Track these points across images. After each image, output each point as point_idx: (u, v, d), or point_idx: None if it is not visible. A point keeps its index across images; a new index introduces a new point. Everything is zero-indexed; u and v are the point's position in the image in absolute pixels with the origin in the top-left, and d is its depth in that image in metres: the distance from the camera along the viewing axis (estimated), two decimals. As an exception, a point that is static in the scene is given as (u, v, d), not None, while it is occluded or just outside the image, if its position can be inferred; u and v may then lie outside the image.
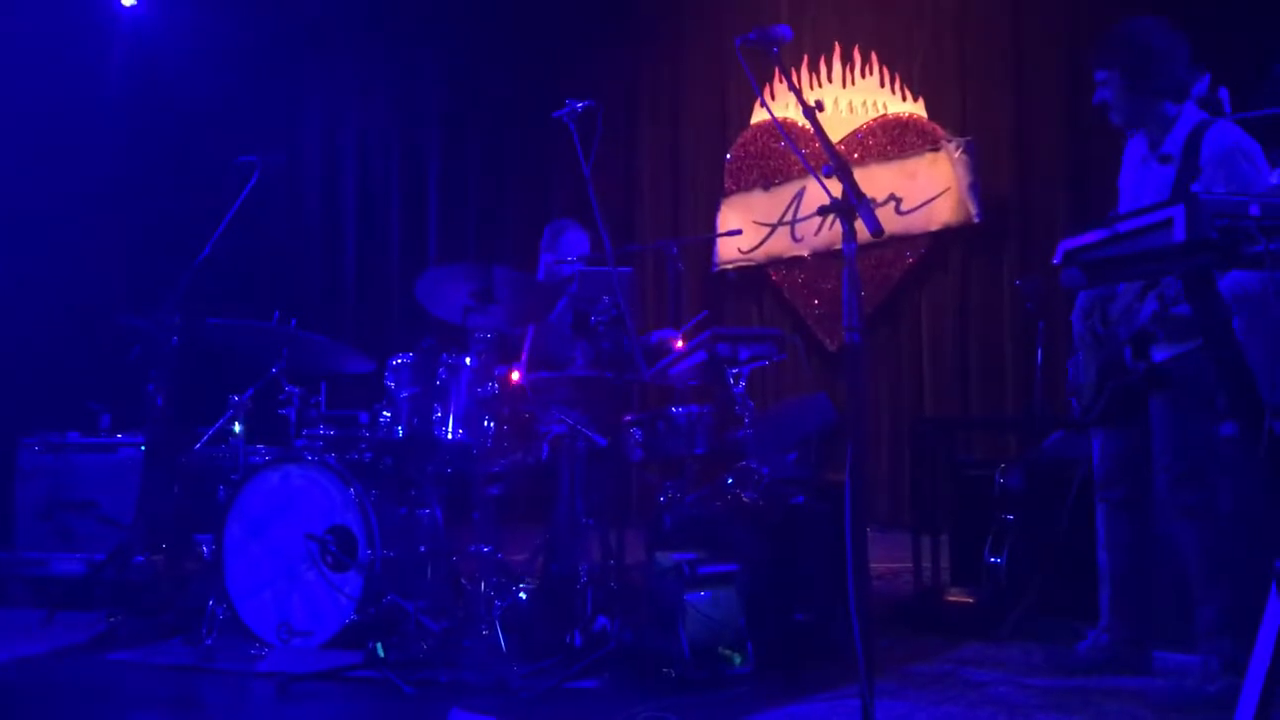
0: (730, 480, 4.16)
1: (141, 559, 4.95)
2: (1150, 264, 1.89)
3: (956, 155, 6.96)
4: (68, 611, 4.87)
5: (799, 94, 2.56)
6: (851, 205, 2.38)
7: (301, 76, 8.99)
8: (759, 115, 7.88)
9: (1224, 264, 1.83)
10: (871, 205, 2.38)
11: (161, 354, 4.78)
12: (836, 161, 2.44)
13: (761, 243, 7.71)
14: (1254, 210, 1.79)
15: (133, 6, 7.82)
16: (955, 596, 4.69)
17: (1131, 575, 3.63)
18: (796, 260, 7.62)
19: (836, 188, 2.43)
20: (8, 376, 4.86)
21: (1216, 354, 1.92)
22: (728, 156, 7.95)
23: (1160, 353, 3.34)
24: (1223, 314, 1.92)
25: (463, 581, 4.25)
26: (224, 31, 8.11)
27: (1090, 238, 2.00)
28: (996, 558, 4.49)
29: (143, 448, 5.38)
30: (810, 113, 2.57)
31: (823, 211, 2.48)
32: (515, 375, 4.37)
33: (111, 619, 4.61)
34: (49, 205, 4.61)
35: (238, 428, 4.59)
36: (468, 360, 4.16)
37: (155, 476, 5.03)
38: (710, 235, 7.77)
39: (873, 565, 5.29)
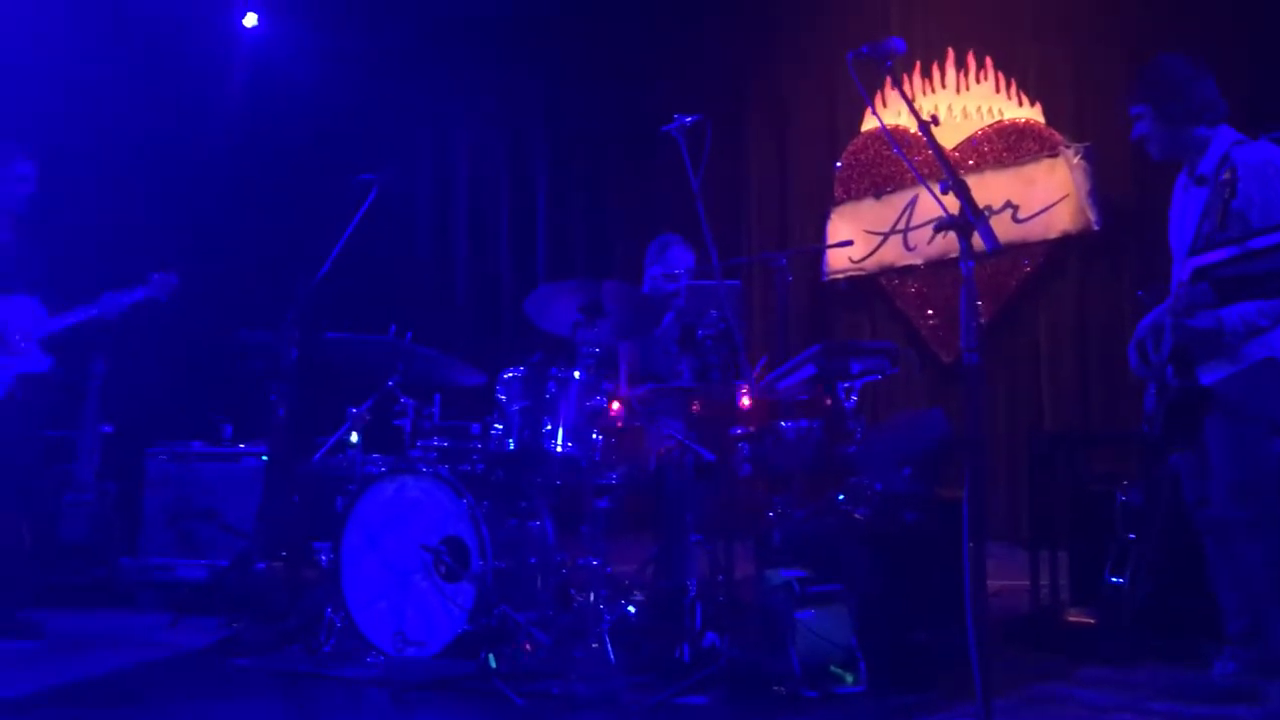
0: (841, 496, 4.11)
1: (262, 566, 5.10)
2: (1283, 281, 1.81)
3: (1075, 161, 6.77)
4: (192, 616, 5.05)
5: (914, 108, 2.52)
6: (969, 222, 2.32)
7: (413, 97, 9.17)
8: (870, 123, 7.78)
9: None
10: (989, 220, 2.32)
11: (282, 367, 4.92)
12: (953, 178, 2.39)
13: (873, 252, 7.60)
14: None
15: (253, 28, 8.08)
16: (1075, 617, 4.55)
17: (1246, 597, 3.53)
18: (909, 269, 7.49)
19: (953, 204, 2.38)
20: (136, 390, 5.05)
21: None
22: (837, 165, 7.86)
23: (1210, 375, 3.41)
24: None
25: (572, 594, 4.26)
26: (337, 53, 8.33)
27: (1221, 254, 1.93)
28: (1119, 578, 4.34)
29: (264, 458, 5.55)
30: (925, 127, 2.53)
31: (940, 228, 2.42)
32: (615, 405, 4.36)
33: (233, 625, 4.76)
34: (174, 223, 4.79)
35: (354, 438, 4.69)
36: (576, 374, 4.18)
37: (276, 486, 5.18)
38: (820, 246, 7.68)
39: (989, 582, 5.16)
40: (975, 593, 2.28)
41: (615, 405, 4.22)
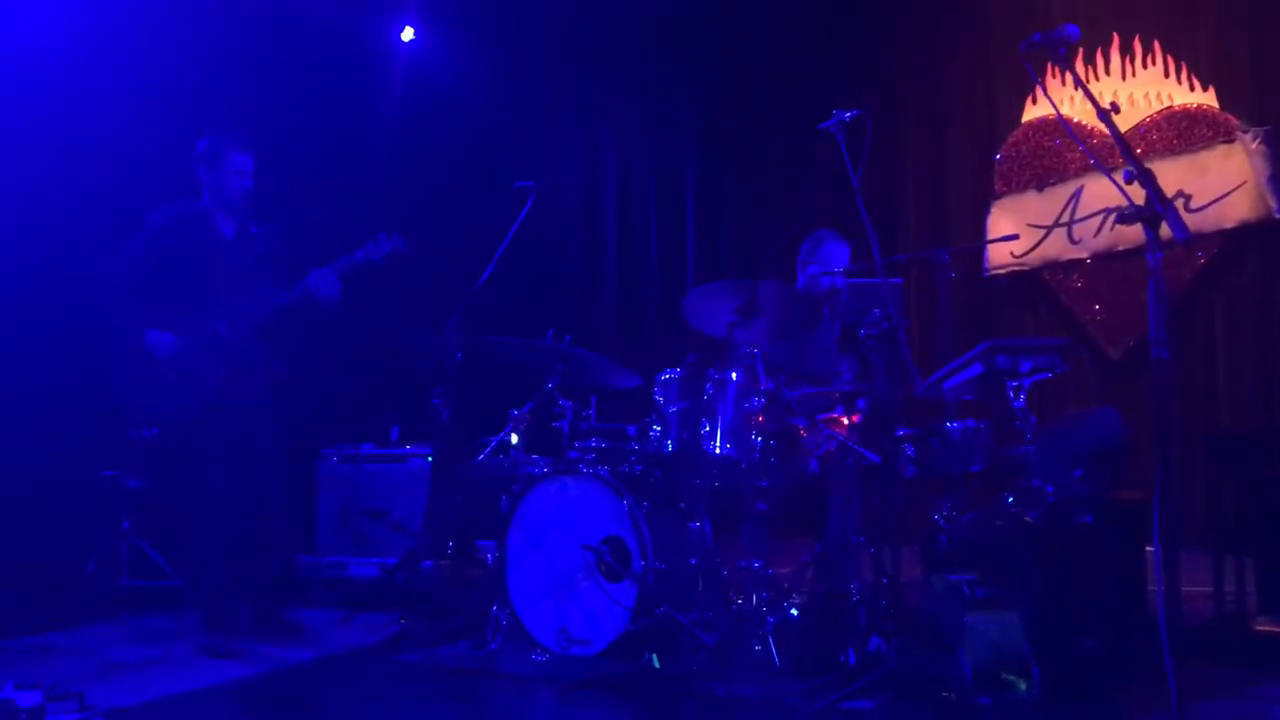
0: (1011, 499, 3.98)
1: (429, 564, 5.24)
2: None
3: (1254, 146, 6.42)
4: (363, 613, 5.22)
5: (1091, 96, 2.42)
6: (1156, 212, 2.22)
7: (564, 101, 9.30)
8: (1030, 113, 7.53)
9: None
10: (1178, 210, 2.21)
11: (446, 370, 5.05)
12: (1138, 166, 2.29)
13: (1036, 246, 7.36)
14: None
15: (410, 42, 8.32)
16: (1264, 625, 4.31)
17: None
18: (1075, 263, 7.23)
19: (1138, 194, 2.28)
20: (308, 393, 5.25)
21: None
22: (997, 157, 7.64)
23: None
24: None
25: (733, 596, 4.26)
26: (490, 62, 8.51)
27: None
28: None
29: (430, 458, 5.71)
30: (1105, 115, 2.43)
31: (1124, 219, 2.32)
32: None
33: (402, 621, 4.90)
34: (341, 233, 4.95)
35: (514, 440, 4.79)
36: (733, 375, 4.18)
37: (441, 486, 5.31)
38: (984, 241, 7.47)
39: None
40: (1169, 601, 2.15)
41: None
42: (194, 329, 4.71)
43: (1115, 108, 2.47)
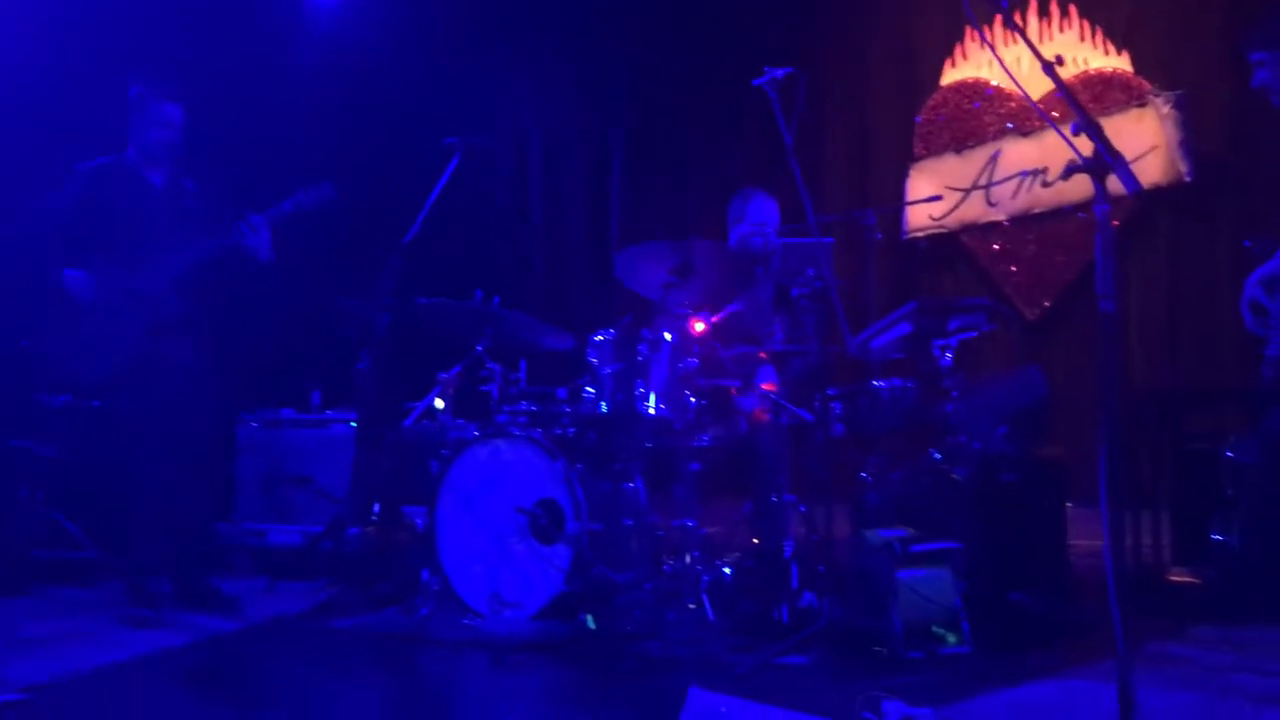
0: (938, 456, 4.05)
1: (355, 531, 5.17)
2: None
3: (1165, 110, 6.57)
4: (287, 581, 5.14)
5: (1036, 50, 2.43)
6: (1105, 164, 2.24)
7: (489, 60, 9.15)
8: (950, 76, 7.61)
9: None
10: (1127, 162, 2.24)
11: (373, 333, 4.95)
12: (1085, 118, 2.31)
13: (954, 208, 7.46)
14: None
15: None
16: (1179, 576, 4.46)
17: None
18: (992, 226, 7.34)
19: (1086, 146, 2.30)
20: (227, 357, 5.10)
21: None
22: (917, 120, 7.71)
23: None
24: None
25: (667, 556, 4.27)
26: (413, 21, 8.32)
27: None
28: (1225, 536, 4.24)
29: (354, 423, 5.61)
30: (1050, 68, 2.45)
31: (1071, 171, 2.34)
32: (700, 325, 4.31)
33: (329, 589, 4.83)
34: (262, 194, 4.80)
35: (440, 404, 4.72)
36: (668, 336, 4.16)
37: (367, 451, 5.23)
38: (906, 202, 7.54)
39: (1086, 542, 5.07)
40: (1115, 557, 2.20)
41: (700, 326, 4.18)
42: (119, 285, 4.53)
43: (1060, 60, 2.48)
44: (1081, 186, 3.51)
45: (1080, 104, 2.33)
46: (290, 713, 3.21)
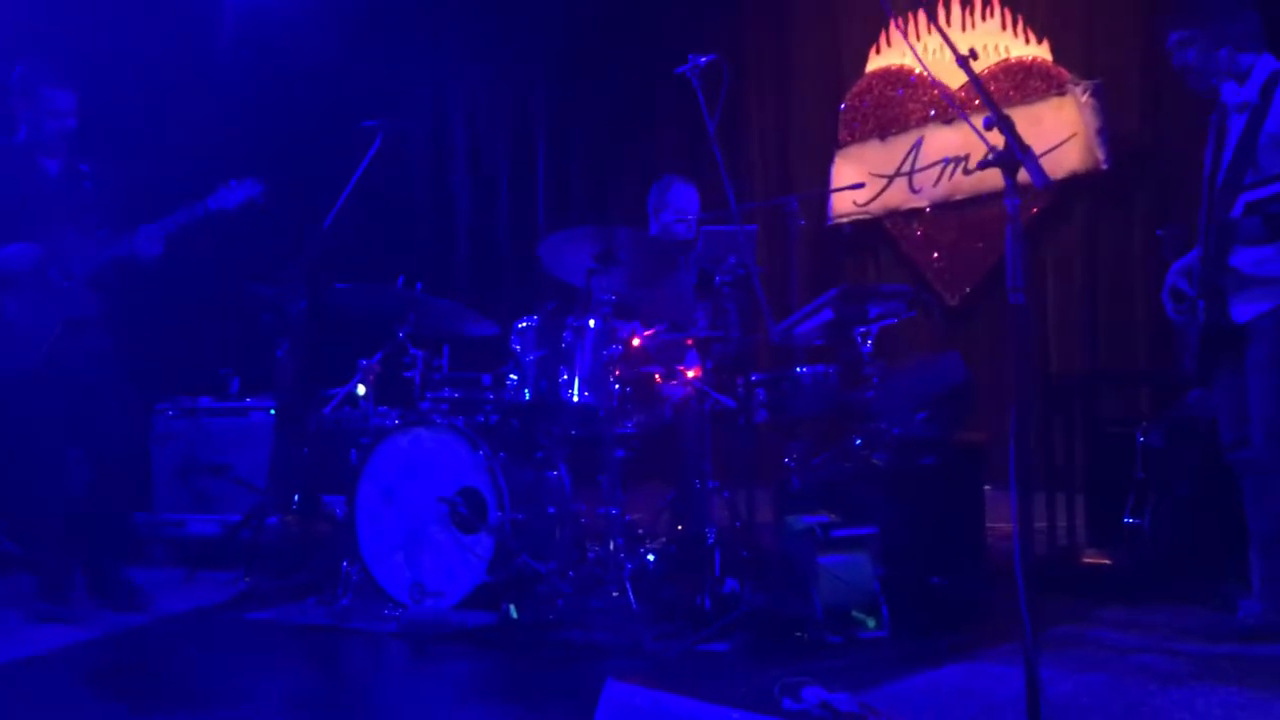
0: (859, 441, 4.09)
1: (275, 520, 5.09)
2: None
3: (1084, 99, 6.67)
4: (206, 571, 5.04)
5: (950, 42, 2.45)
6: (1016, 158, 2.27)
7: (411, 41, 9.02)
8: (875, 63, 7.66)
9: None
10: (1036, 156, 2.26)
11: (290, 319, 4.86)
12: (997, 112, 2.34)
13: (878, 195, 7.52)
14: None
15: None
16: (1092, 558, 4.55)
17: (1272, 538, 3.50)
18: (915, 212, 7.41)
19: (997, 139, 2.33)
20: (142, 344, 4.98)
21: None
22: (841, 107, 7.76)
23: (1243, 313, 3.35)
24: None
25: (591, 543, 4.26)
26: (335, 2, 8.18)
27: (1275, 189, 1.87)
28: (1136, 518, 4.35)
29: (273, 411, 5.51)
30: (964, 62, 2.46)
31: (983, 165, 2.36)
32: (636, 342, 4.34)
33: (247, 579, 4.75)
34: (175, 177, 4.68)
35: (361, 391, 4.66)
36: (592, 322, 4.14)
37: (286, 439, 5.14)
38: (830, 189, 7.59)
39: (1003, 525, 5.15)
40: (1023, 540, 2.23)
41: (636, 342, 4.18)
42: (28, 278, 4.38)
43: (974, 54, 2.50)
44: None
45: (993, 96, 2.35)
46: (200, 707, 3.15)
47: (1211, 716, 2.80)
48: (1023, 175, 2.32)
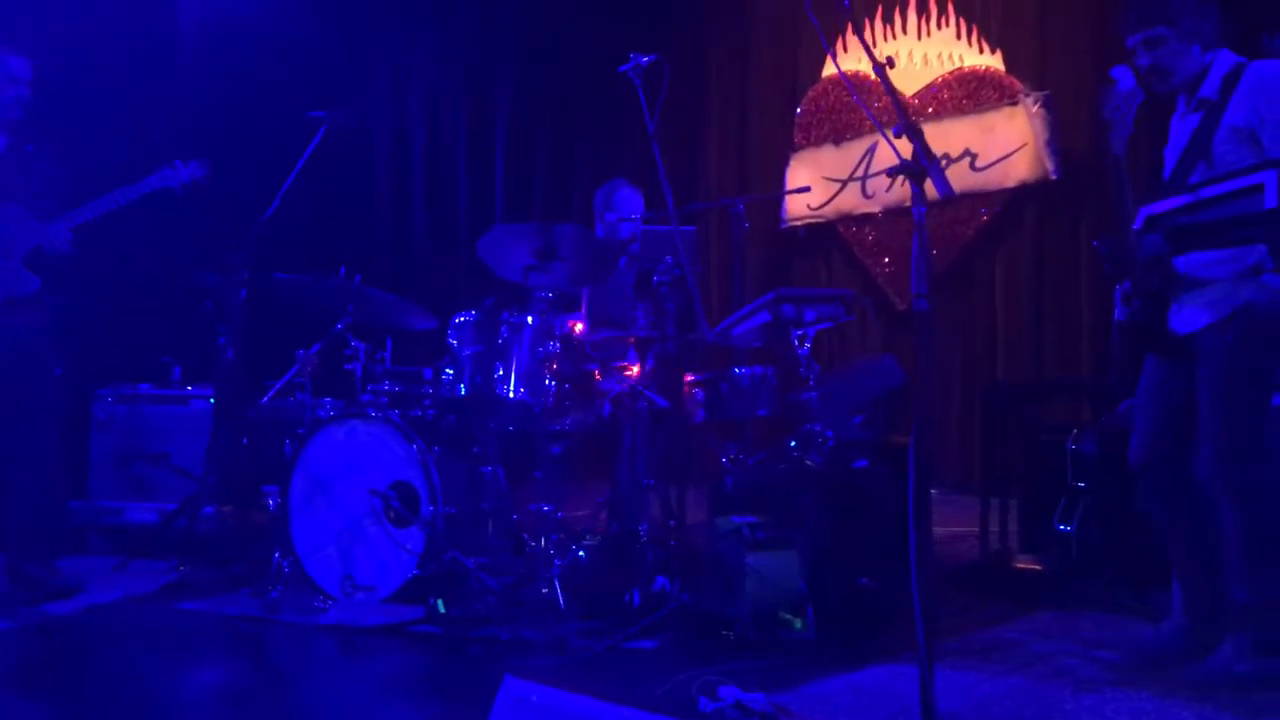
0: (794, 443, 4.11)
1: (211, 510, 5.05)
2: (1237, 231, 1.79)
3: (1035, 110, 6.74)
4: (141, 560, 5.00)
5: (870, 50, 2.47)
6: (922, 167, 2.29)
7: (371, 31, 8.98)
8: (831, 68, 7.71)
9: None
10: (943, 166, 2.28)
11: (230, 309, 4.82)
12: (907, 122, 2.35)
13: (831, 199, 7.57)
14: (1351, 175, 1.68)
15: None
16: (1024, 563, 4.60)
17: (1189, 557, 3.40)
18: (867, 217, 7.47)
19: (907, 148, 2.35)
20: (82, 330, 4.93)
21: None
22: (798, 111, 7.80)
23: (1188, 322, 3.19)
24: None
25: (524, 539, 4.26)
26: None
27: (1174, 203, 1.90)
28: (1067, 525, 4.39)
29: (212, 400, 5.47)
30: (881, 70, 2.47)
31: (891, 173, 2.38)
32: (579, 326, 4.33)
33: (181, 569, 4.71)
34: (120, 163, 4.63)
35: (304, 381, 4.63)
36: (529, 319, 4.14)
37: (225, 429, 5.11)
38: (779, 192, 7.63)
39: (939, 529, 5.20)
40: (920, 542, 2.25)
41: (579, 327, 4.19)
42: None
43: (891, 63, 2.52)
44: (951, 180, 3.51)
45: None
46: (120, 697, 3.13)
47: (1133, 725, 2.84)
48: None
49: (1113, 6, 6.55)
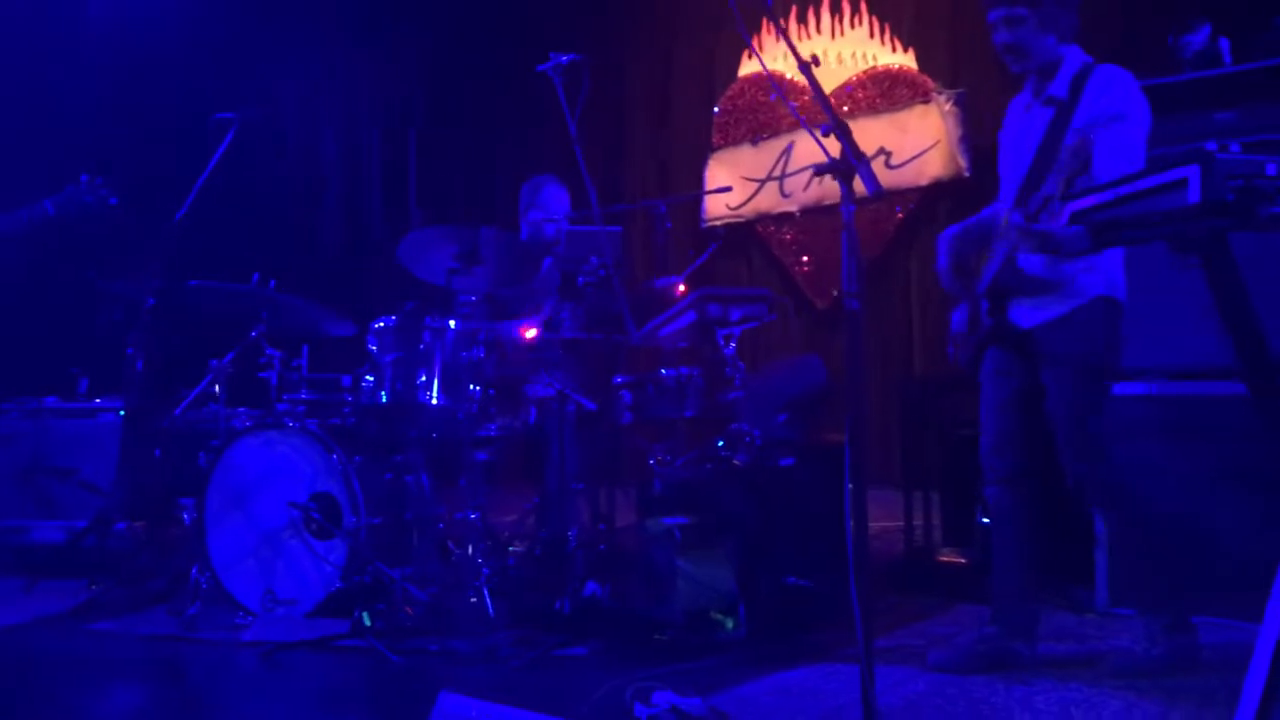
0: (721, 443, 4.10)
1: (123, 526, 4.90)
2: (1162, 226, 1.81)
3: (947, 108, 6.85)
4: (49, 580, 4.81)
5: (794, 48, 2.46)
6: (851, 166, 2.28)
7: (282, 31, 8.80)
8: (747, 68, 7.75)
9: (1240, 226, 1.74)
10: (870, 164, 2.28)
11: (140, 317, 4.68)
12: (835, 120, 2.35)
13: (750, 199, 7.61)
14: (1270, 170, 1.71)
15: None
16: (947, 557, 4.65)
17: (1015, 560, 3.36)
18: (785, 216, 7.52)
19: (834, 147, 2.34)
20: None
21: (1230, 319, 1.84)
22: (715, 110, 7.82)
23: (1028, 316, 3.21)
24: (1239, 280, 1.84)
25: (450, 548, 4.19)
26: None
27: (1099, 198, 1.92)
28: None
29: (122, 412, 5.30)
30: (806, 68, 2.47)
31: (819, 171, 2.37)
32: (531, 332, 4.27)
33: (93, 587, 4.55)
34: (25, 167, 4.47)
35: (218, 391, 4.50)
36: (452, 324, 4.08)
37: (135, 442, 4.95)
38: (701, 192, 7.64)
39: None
40: (858, 543, 2.24)
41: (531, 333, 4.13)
42: None
43: (816, 61, 2.51)
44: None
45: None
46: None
47: (1050, 713, 2.87)
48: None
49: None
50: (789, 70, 7.36)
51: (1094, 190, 1.96)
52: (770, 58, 7.56)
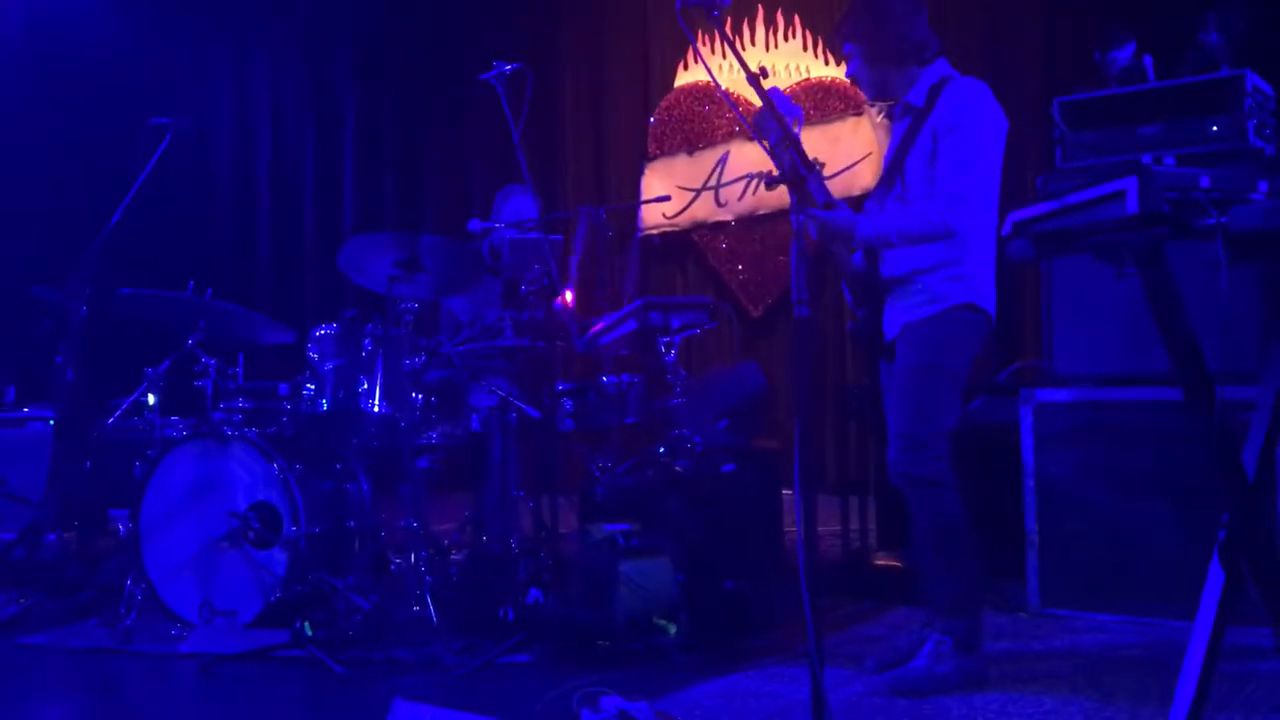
0: (662, 449, 4.14)
1: (53, 537, 4.81)
2: (1101, 236, 1.88)
3: (878, 120, 6.97)
4: (-25, 595, 4.70)
5: (743, 60, 2.50)
6: (801, 176, 2.34)
7: (211, 36, 8.69)
8: (683, 78, 7.82)
9: (1176, 236, 1.82)
10: (821, 175, 2.34)
11: (70, 325, 4.59)
12: (783, 131, 2.40)
13: (685, 208, 7.67)
14: (1204, 183, 1.79)
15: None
16: (883, 560, 4.73)
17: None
18: (720, 225, 7.60)
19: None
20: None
21: (1166, 326, 1.92)
22: (651, 120, 7.88)
23: (892, 325, 3.31)
24: (1174, 288, 1.92)
25: (392, 557, 4.17)
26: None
27: (1040, 209, 1.99)
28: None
29: (52, 422, 5.20)
30: (755, 80, 2.52)
31: (772, 182, 2.42)
32: (569, 295, 4.24)
33: (22, 601, 4.45)
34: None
35: (152, 400, 4.44)
36: (393, 331, 4.07)
37: (66, 451, 4.86)
38: (639, 201, 7.69)
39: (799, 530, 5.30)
40: (807, 545, 2.29)
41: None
42: None
43: (765, 72, 2.56)
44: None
45: (779, 117, 2.42)
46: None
47: (989, 712, 2.94)
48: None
49: (952, 21, 6.88)
50: (728, 81, 7.45)
51: (1046, 199, 2.03)
52: (711, 68, 7.62)
